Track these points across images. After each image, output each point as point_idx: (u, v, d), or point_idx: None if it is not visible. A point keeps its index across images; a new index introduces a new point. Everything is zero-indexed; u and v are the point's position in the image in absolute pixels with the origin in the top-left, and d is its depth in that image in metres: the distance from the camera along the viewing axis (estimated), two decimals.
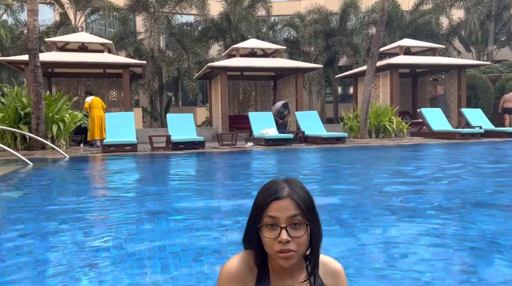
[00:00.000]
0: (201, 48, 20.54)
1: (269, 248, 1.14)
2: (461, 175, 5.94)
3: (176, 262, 2.34)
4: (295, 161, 8.53)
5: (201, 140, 11.11)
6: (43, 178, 6.53)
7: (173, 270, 2.21)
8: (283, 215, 1.12)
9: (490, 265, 2.28)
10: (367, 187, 4.93)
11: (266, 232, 1.13)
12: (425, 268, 2.21)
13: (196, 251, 2.53)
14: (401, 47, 16.18)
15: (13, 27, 20.34)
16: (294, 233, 1.11)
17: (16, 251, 2.61)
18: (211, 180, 6.12)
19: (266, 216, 1.13)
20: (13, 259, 2.45)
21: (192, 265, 2.30)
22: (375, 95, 16.34)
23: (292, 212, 1.12)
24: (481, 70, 18.14)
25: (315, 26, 20.49)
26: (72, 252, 2.56)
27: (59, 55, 13.61)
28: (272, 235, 1.12)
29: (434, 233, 2.85)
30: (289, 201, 1.13)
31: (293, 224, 1.12)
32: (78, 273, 2.18)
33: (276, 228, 1.12)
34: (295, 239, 1.11)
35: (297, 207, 1.13)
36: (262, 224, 1.13)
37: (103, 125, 12.06)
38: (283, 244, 1.10)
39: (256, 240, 1.17)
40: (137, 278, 2.10)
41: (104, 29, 24.83)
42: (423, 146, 11.18)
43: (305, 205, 1.14)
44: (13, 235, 3.00)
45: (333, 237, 2.73)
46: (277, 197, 1.13)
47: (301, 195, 1.15)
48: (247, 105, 18.02)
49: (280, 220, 1.12)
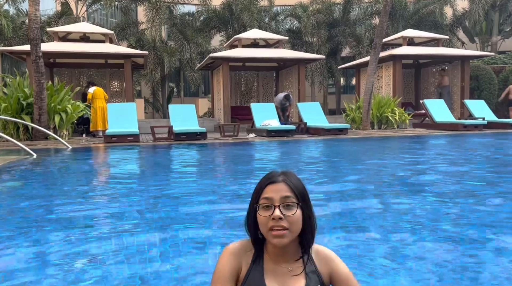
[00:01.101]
0: (203, 38, 20.45)
1: (263, 226, 1.25)
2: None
3: (177, 251, 2.36)
4: (297, 153, 8.53)
5: (203, 131, 11.11)
6: (47, 168, 6.55)
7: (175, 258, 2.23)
8: (277, 195, 1.25)
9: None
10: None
11: (261, 212, 1.26)
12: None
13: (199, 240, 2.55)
14: (404, 38, 16.07)
15: (14, 17, 20.26)
16: (286, 212, 1.24)
17: (21, 239, 2.63)
18: (215, 172, 6.14)
19: (262, 198, 1.27)
20: (17, 248, 2.47)
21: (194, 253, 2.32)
22: (378, 86, 16.28)
23: (286, 194, 1.25)
24: (485, 61, 18.02)
25: (318, 16, 20.34)
26: (73, 240, 2.57)
27: (60, 45, 13.57)
28: (266, 214, 1.24)
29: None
30: (284, 185, 1.27)
31: (286, 204, 1.24)
32: (81, 264, 2.20)
33: (270, 207, 1.24)
34: (287, 217, 1.23)
35: (290, 190, 1.26)
36: (259, 204, 1.27)
37: (105, 116, 12.07)
38: (276, 220, 1.22)
39: (254, 224, 1.30)
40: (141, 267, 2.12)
41: (106, 19, 24.72)
42: (423, 137, 11.16)
43: (298, 190, 1.28)
44: (16, 226, 3.02)
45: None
46: (272, 181, 1.28)
47: (294, 183, 1.29)
48: (249, 96, 17.98)
49: (274, 200, 1.25)
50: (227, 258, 1.30)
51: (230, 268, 1.28)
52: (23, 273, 2.07)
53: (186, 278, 1.97)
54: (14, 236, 2.72)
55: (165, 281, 1.96)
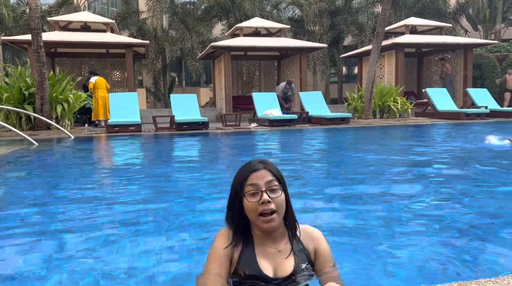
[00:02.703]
0: (204, 27, 20.30)
1: (252, 213, 1.35)
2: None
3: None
4: (298, 142, 8.54)
5: (205, 121, 11.12)
6: (49, 157, 6.59)
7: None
8: (262, 181, 1.35)
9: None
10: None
11: (249, 198, 1.35)
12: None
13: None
14: (407, 26, 15.93)
15: (15, 6, 20.16)
16: (272, 195, 1.34)
17: (26, 227, 2.67)
18: (219, 160, 6.16)
19: (247, 185, 1.36)
20: (23, 237, 2.50)
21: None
22: (380, 75, 16.19)
23: (270, 178, 1.36)
24: (488, 49, 17.87)
25: (320, 4, 20.14)
26: (80, 227, 2.61)
27: (61, 35, 13.52)
28: (254, 200, 1.34)
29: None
30: (266, 171, 1.37)
31: (271, 188, 1.35)
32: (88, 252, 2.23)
33: (257, 193, 1.34)
34: (274, 199, 1.34)
35: (272, 175, 1.37)
36: (245, 192, 1.35)
37: (107, 106, 12.07)
38: (265, 204, 1.32)
39: (238, 214, 1.39)
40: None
41: (107, 8, 24.57)
42: (425, 126, 11.14)
43: (278, 174, 1.39)
44: (21, 212, 3.06)
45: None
46: (254, 170, 1.38)
47: (274, 168, 1.41)
48: (251, 86, 17.92)
49: (260, 185, 1.34)
50: (223, 238, 1.39)
51: (223, 249, 1.36)
52: (28, 256, 2.11)
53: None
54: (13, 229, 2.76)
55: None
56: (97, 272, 1.93)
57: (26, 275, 1.92)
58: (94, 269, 1.97)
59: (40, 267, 2.02)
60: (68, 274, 1.91)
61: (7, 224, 2.74)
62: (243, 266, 1.35)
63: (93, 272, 1.92)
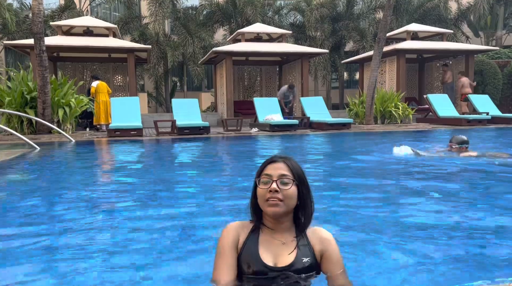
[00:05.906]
0: (206, 32, 20.36)
1: (261, 198, 1.42)
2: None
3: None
4: (300, 147, 8.54)
5: (206, 126, 11.12)
6: (51, 161, 6.59)
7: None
8: (275, 172, 1.42)
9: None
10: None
11: (261, 185, 1.43)
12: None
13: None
14: (408, 32, 15.97)
15: (18, 10, 20.26)
16: (282, 186, 1.41)
17: (27, 229, 2.66)
18: (221, 165, 6.16)
19: (263, 174, 1.44)
20: (23, 240, 2.50)
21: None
22: (381, 81, 16.22)
23: (283, 172, 1.42)
24: (489, 55, 17.89)
25: (322, 10, 20.21)
26: (80, 231, 2.60)
27: (64, 39, 13.58)
28: (265, 187, 1.42)
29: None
30: (282, 164, 1.44)
31: (282, 180, 1.41)
32: (90, 254, 2.23)
33: (269, 182, 1.41)
34: (282, 190, 1.40)
35: (288, 170, 1.43)
36: (260, 179, 1.44)
37: (109, 110, 12.10)
38: (273, 192, 1.39)
39: (255, 199, 1.46)
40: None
41: (109, 13, 24.68)
42: (425, 132, 11.13)
43: (295, 171, 1.44)
44: (23, 216, 3.05)
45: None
46: (273, 161, 1.46)
47: (293, 164, 1.46)
48: (252, 91, 17.96)
49: (273, 176, 1.42)
50: (227, 232, 1.48)
51: (229, 241, 1.45)
52: (30, 254, 2.10)
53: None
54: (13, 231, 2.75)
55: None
56: (98, 276, 1.92)
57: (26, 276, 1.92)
58: (94, 270, 1.96)
59: (39, 271, 2.01)
60: (69, 276, 1.90)
61: (8, 226, 2.74)
62: (246, 254, 1.41)
63: (93, 273, 1.92)
